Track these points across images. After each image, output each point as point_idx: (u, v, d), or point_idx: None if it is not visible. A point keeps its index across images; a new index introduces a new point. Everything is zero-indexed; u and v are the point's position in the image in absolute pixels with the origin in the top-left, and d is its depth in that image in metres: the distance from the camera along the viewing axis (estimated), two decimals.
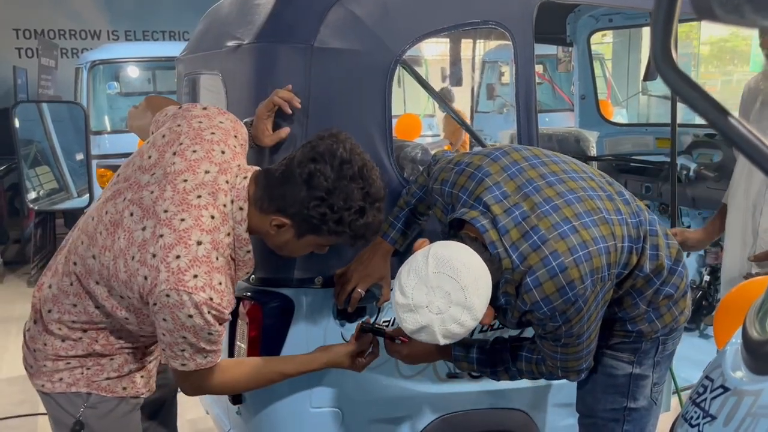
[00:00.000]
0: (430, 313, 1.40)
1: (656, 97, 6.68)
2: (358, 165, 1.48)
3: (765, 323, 0.81)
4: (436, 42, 7.47)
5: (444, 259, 1.41)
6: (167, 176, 1.49)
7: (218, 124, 1.60)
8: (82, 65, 6.38)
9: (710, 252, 3.42)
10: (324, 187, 1.45)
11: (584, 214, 1.53)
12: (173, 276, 1.39)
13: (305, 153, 1.48)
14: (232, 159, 1.56)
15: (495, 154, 1.64)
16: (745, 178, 2.31)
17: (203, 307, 1.41)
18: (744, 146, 0.56)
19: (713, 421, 0.78)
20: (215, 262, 1.44)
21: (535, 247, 1.47)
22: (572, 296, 1.46)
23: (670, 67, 0.57)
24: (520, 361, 1.73)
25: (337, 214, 1.46)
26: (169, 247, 1.41)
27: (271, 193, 1.50)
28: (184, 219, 1.44)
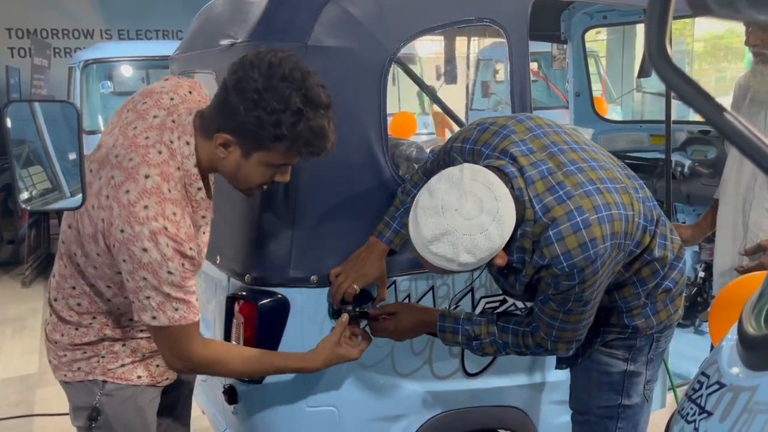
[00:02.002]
0: (459, 216, 1.36)
1: (651, 94, 6.70)
2: (289, 67, 1.43)
3: (761, 319, 0.81)
4: (431, 40, 7.47)
5: (480, 171, 1.42)
6: (120, 128, 1.57)
7: (172, 82, 1.66)
8: (75, 65, 6.35)
9: (705, 248, 3.43)
10: (253, 88, 1.41)
11: (607, 180, 1.54)
12: (124, 210, 1.44)
13: (234, 65, 1.47)
14: (181, 103, 1.60)
15: (519, 117, 1.66)
16: (735, 172, 2.32)
17: (158, 237, 1.42)
18: (739, 141, 0.56)
19: (709, 417, 0.78)
20: (167, 193, 1.48)
21: (560, 201, 1.47)
22: (593, 254, 1.45)
23: (666, 63, 0.56)
24: (506, 333, 1.70)
25: (272, 116, 1.41)
26: (119, 185, 1.47)
27: (210, 115, 1.52)
28: (131, 158, 1.49)
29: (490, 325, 1.73)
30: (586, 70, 4.06)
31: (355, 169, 1.85)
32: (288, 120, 1.42)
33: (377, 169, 1.86)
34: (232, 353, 1.70)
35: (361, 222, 1.86)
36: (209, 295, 2.14)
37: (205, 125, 1.53)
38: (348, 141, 1.83)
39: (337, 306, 1.82)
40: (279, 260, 1.81)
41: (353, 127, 1.83)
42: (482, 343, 1.73)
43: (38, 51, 7.19)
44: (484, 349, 1.75)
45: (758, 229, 2.23)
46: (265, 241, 1.84)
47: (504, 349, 1.74)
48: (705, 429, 0.78)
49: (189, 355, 1.58)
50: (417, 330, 1.82)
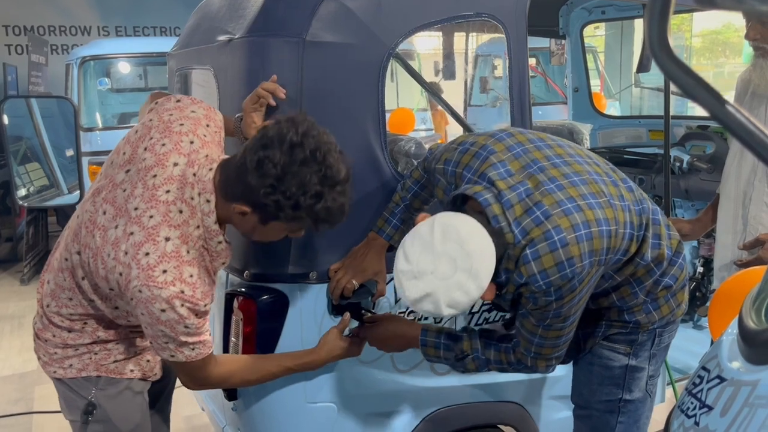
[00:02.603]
0: (435, 279, 1.38)
1: (649, 89, 6.70)
2: (310, 148, 1.43)
3: (761, 313, 0.81)
4: (429, 35, 7.46)
5: (450, 226, 1.40)
6: (139, 173, 1.54)
7: (189, 114, 1.63)
8: (72, 61, 6.34)
9: (704, 243, 3.43)
10: (273, 174, 1.42)
11: (589, 195, 1.52)
12: (143, 272, 1.45)
13: (256, 140, 1.47)
14: (201, 148, 1.58)
15: (500, 135, 1.64)
16: (735, 166, 2.32)
17: (174, 300, 1.46)
18: (740, 132, 0.55)
19: (710, 411, 0.78)
20: (185, 255, 1.49)
21: (537, 222, 1.47)
22: (570, 272, 1.45)
23: (667, 56, 0.56)
24: (489, 348, 1.70)
25: (291, 200, 1.43)
26: (139, 245, 1.47)
27: (230, 182, 1.51)
28: (152, 216, 1.49)
29: (473, 340, 1.72)
30: (585, 66, 4.05)
31: (353, 165, 1.84)
32: (307, 203, 1.44)
33: (376, 165, 1.86)
34: (244, 365, 1.73)
35: (360, 218, 1.85)
36: None
37: (224, 188, 1.53)
38: (346, 137, 1.82)
39: (336, 301, 1.82)
40: (278, 256, 1.81)
41: (351, 123, 1.82)
42: (464, 360, 1.73)
43: (35, 48, 7.18)
44: (466, 366, 1.74)
45: (757, 223, 2.23)
46: None
47: (486, 365, 1.74)
48: (706, 423, 0.78)
49: (206, 379, 1.66)
50: (398, 341, 1.79)
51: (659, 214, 1.69)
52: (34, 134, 5.04)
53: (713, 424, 0.76)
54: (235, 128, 1.78)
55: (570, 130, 3.48)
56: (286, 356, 1.78)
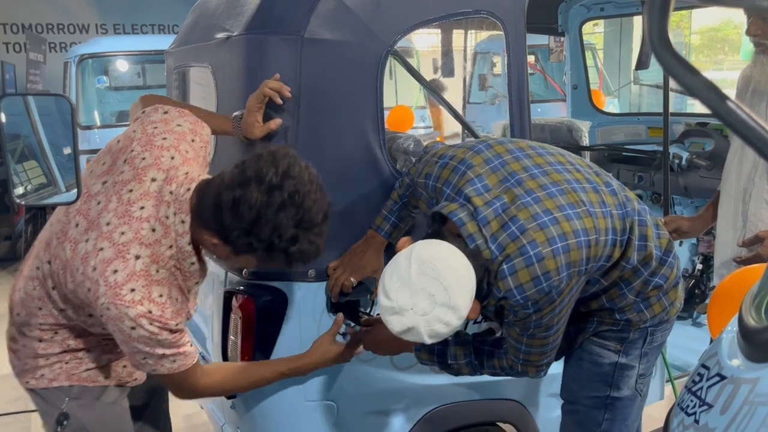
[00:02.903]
0: (416, 315, 1.39)
1: (648, 86, 6.70)
2: (289, 191, 1.37)
3: (761, 310, 0.81)
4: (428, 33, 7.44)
5: (426, 261, 1.40)
6: (115, 185, 1.51)
7: (174, 128, 1.59)
8: (70, 59, 6.32)
9: (703, 241, 3.43)
10: (248, 218, 1.37)
11: (567, 206, 1.51)
12: (111, 290, 1.42)
13: (234, 175, 1.40)
14: (182, 165, 1.54)
15: (478, 147, 1.63)
16: (736, 163, 2.32)
17: (141, 319, 1.43)
18: (741, 128, 0.55)
19: (710, 409, 0.78)
20: (155, 275, 1.46)
21: (513, 237, 1.47)
22: (546, 287, 1.45)
23: (668, 51, 0.56)
24: (482, 354, 1.72)
25: (264, 243, 1.40)
26: (108, 262, 1.43)
27: (204, 211, 1.46)
28: (124, 232, 1.45)
29: (466, 346, 1.74)
30: (584, 63, 4.05)
31: (352, 162, 1.84)
32: (281, 246, 1.41)
33: (374, 162, 1.85)
34: (235, 373, 1.71)
35: (358, 216, 1.85)
36: (207, 290, 2.13)
37: (198, 214, 1.48)
38: (345, 135, 1.82)
39: (335, 299, 1.82)
40: None
41: (350, 121, 1.82)
42: (458, 364, 1.74)
43: (33, 46, 7.16)
44: (459, 370, 1.76)
45: (757, 220, 2.23)
46: None
47: (479, 370, 1.75)
48: (706, 421, 0.77)
49: (194, 389, 1.64)
50: (393, 346, 1.77)
51: (646, 215, 1.67)
52: (31, 132, 5.02)
53: (713, 421, 0.76)
54: (234, 127, 1.77)
55: (569, 128, 3.48)
56: (278, 361, 1.77)
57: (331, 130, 1.81)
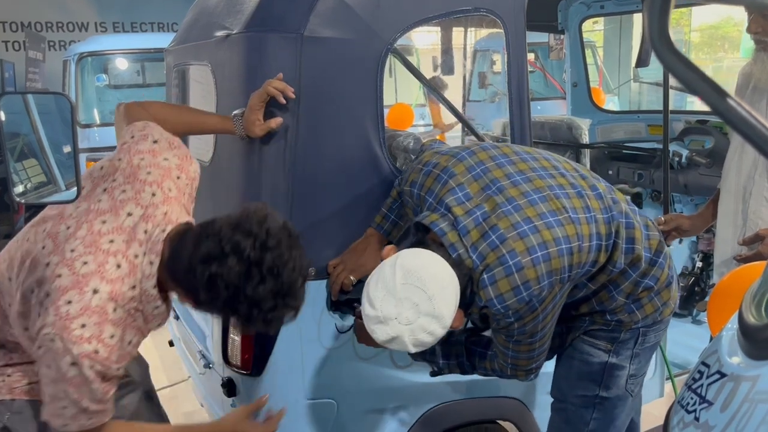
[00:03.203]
0: (400, 324, 1.40)
1: (648, 84, 6.69)
2: (268, 265, 1.31)
3: (762, 308, 0.81)
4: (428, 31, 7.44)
5: (411, 270, 1.41)
6: (89, 213, 1.43)
7: (161, 162, 1.52)
8: (69, 58, 6.31)
9: (703, 238, 3.43)
10: (225, 296, 1.32)
11: (548, 213, 1.51)
12: (60, 321, 1.31)
13: (210, 247, 1.32)
14: (162, 203, 1.47)
15: (461, 155, 1.63)
16: (736, 161, 2.32)
17: (84, 360, 1.32)
18: (741, 126, 0.55)
19: (710, 406, 0.78)
20: (110, 314, 1.35)
21: (493, 247, 1.47)
22: (526, 296, 1.45)
23: (668, 49, 0.56)
24: (474, 355, 1.73)
25: (242, 317, 1.36)
26: (64, 290, 1.33)
27: (176, 271, 1.40)
28: (86, 262, 1.36)
29: (459, 346, 1.75)
30: (584, 61, 4.05)
31: (352, 161, 1.84)
32: (259, 317, 1.35)
33: (374, 160, 1.85)
34: None
35: (358, 214, 1.85)
36: None
37: (170, 270, 1.41)
38: (345, 133, 1.82)
39: (335, 297, 1.82)
40: None
41: (350, 119, 1.82)
42: (449, 364, 1.76)
43: (32, 44, 7.15)
44: (451, 369, 1.77)
45: (757, 218, 2.23)
46: None
47: (471, 370, 1.76)
48: (706, 419, 0.77)
49: None
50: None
51: (634, 216, 1.66)
52: (31, 131, 5.03)
53: (713, 419, 0.76)
54: (236, 126, 1.77)
55: (569, 126, 3.48)
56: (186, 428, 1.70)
57: (330, 128, 1.81)
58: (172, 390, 3.62)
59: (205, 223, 1.38)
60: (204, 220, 1.41)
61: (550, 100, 8.19)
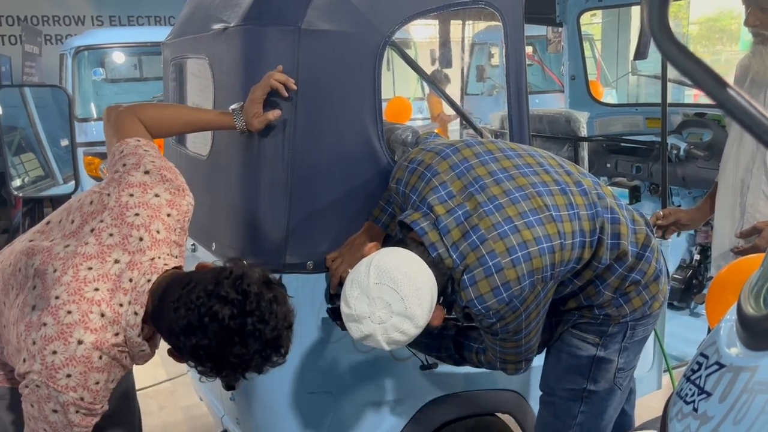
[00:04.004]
0: (373, 323, 1.42)
1: (646, 76, 6.69)
2: (249, 329, 1.30)
3: (760, 299, 0.81)
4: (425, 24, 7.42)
5: (384, 270, 1.42)
6: (75, 257, 1.42)
7: (150, 200, 1.49)
8: (66, 51, 6.30)
9: (700, 231, 3.44)
10: (210, 362, 1.34)
11: (529, 212, 1.51)
12: (46, 370, 1.33)
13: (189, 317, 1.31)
14: (149, 248, 1.45)
15: (446, 152, 1.63)
16: (734, 154, 2.32)
17: (69, 407, 1.35)
18: (741, 116, 0.55)
19: (709, 397, 0.78)
20: (96, 362, 1.37)
21: (473, 247, 1.48)
22: (506, 297, 1.46)
23: (668, 39, 0.55)
24: (463, 349, 1.74)
25: (230, 375, 1.37)
26: (49, 340, 1.34)
27: (161, 331, 1.40)
28: (71, 311, 1.35)
29: (448, 340, 1.76)
30: (582, 54, 4.04)
31: (350, 154, 1.83)
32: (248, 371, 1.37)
33: (372, 154, 1.85)
34: None
35: (356, 207, 1.85)
36: None
37: (155, 323, 1.41)
38: (343, 126, 1.82)
39: (333, 290, 1.82)
40: (275, 246, 1.80)
41: (348, 112, 1.82)
42: (441, 356, 1.78)
43: (29, 38, 7.12)
44: (443, 361, 1.79)
45: (755, 211, 2.23)
46: (260, 227, 1.83)
47: (461, 363, 1.77)
48: (704, 409, 0.78)
49: None
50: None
51: (619, 212, 1.65)
52: (28, 124, 5.02)
53: (712, 410, 0.76)
54: (236, 120, 1.76)
55: (567, 119, 3.48)
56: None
57: (328, 122, 1.81)
58: (172, 384, 3.63)
59: (184, 283, 1.37)
60: (182, 277, 1.40)
61: (548, 93, 8.19)
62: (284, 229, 1.79)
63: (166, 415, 3.40)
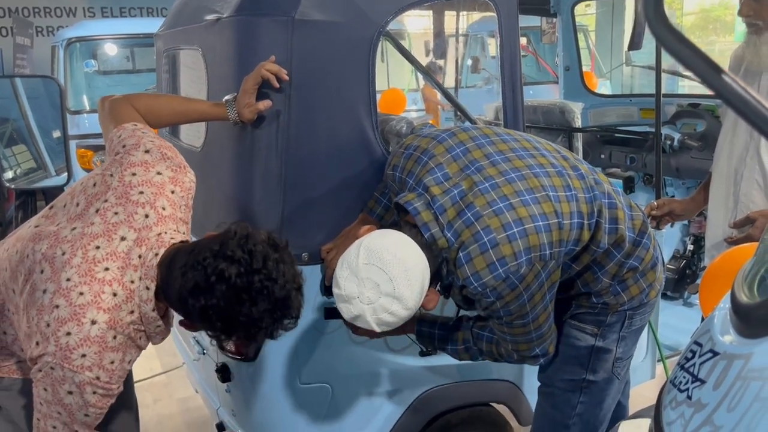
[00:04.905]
0: (362, 303, 1.43)
1: (640, 67, 6.70)
2: (256, 288, 1.31)
3: (754, 287, 0.82)
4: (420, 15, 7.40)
5: (374, 251, 1.43)
6: (83, 237, 1.42)
7: (153, 177, 1.50)
8: (58, 43, 6.25)
9: (694, 221, 3.45)
10: (221, 325, 1.35)
11: (525, 191, 1.51)
12: (60, 352, 1.34)
13: (197, 278, 1.32)
14: (156, 224, 1.46)
15: (442, 136, 1.63)
16: (727, 144, 2.33)
17: (86, 387, 1.36)
18: (737, 103, 0.55)
19: (702, 385, 0.78)
20: (110, 341, 1.38)
21: (468, 224, 1.47)
22: (503, 272, 1.45)
23: (664, 26, 0.55)
24: (481, 340, 1.73)
25: (243, 335, 1.39)
26: (62, 322, 1.35)
27: (171, 300, 1.41)
28: (83, 293, 1.36)
29: (465, 331, 1.75)
30: (576, 45, 4.04)
31: (344, 145, 1.83)
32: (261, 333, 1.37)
33: (367, 145, 1.85)
34: None
35: (350, 198, 1.85)
36: None
37: (165, 294, 1.42)
38: (337, 117, 1.81)
39: (328, 282, 1.82)
40: None
41: (342, 103, 1.81)
42: (458, 349, 1.77)
43: (20, 30, 7.07)
44: (459, 355, 1.78)
45: (748, 201, 2.24)
46: (255, 218, 1.82)
47: (480, 355, 1.76)
48: (698, 397, 0.78)
49: None
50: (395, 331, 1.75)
51: (616, 198, 1.65)
52: (20, 116, 4.99)
53: (706, 397, 0.76)
54: (229, 111, 1.75)
55: (561, 109, 3.48)
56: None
57: (323, 113, 1.80)
58: (167, 376, 3.63)
59: (190, 249, 1.39)
60: (189, 245, 1.42)
61: (542, 85, 8.18)
62: (279, 221, 1.79)
63: (162, 407, 3.41)
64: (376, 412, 2.04)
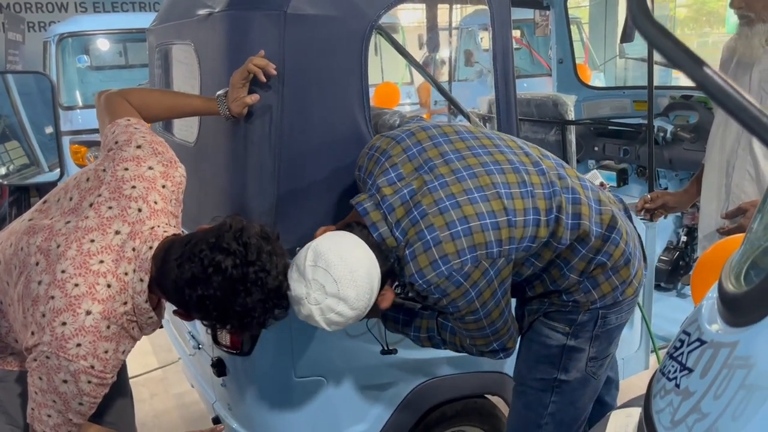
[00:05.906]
0: (309, 304, 1.45)
1: (633, 59, 6.71)
2: (251, 279, 1.38)
3: (740, 276, 0.83)
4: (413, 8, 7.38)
5: (320, 253, 1.45)
6: (77, 231, 1.46)
7: (145, 172, 1.54)
8: (50, 39, 6.22)
9: (687, 213, 3.47)
10: (216, 314, 1.41)
11: (474, 189, 1.51)
12: (56, 341, 1.37)
13: (193, 269, 1.38)
14: (148, 218, 1.50)
15: (401, 137, 1.64)
16: (720, 135, 2.34)
17: (81, 375, 1.39)
18: (721, 97, 0.56)
19: (690, 373, 0.79)
20: (104, 331, 1.41)
21: (414, 222, 1.49)
22: (445, 270, 1.46)
23: (648, 21, 0.56)
24: (445, 331, 1.74)
25: (236, 326, 1.45)
26: (57, 312, 1.38)
27: (166, 291, 1.46)
28: (78, 284, 1.40)
29: (430, 320, 1.76)
30: (569, 37, 4.04)
31: (337, 139, 1.83)
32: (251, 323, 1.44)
33: (360, 139, 1.85)
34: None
35: (344, 192, 1.85)
36: None
37: (159, 284, 1.46)
38: (329, 111, 1.82)
39: None
40: None
41: (334, 97, 1.81)
42: (420, 337, 1.78)
43: (12, 25, 7.03)
44: (421, 342, 1.79)
45: (740, 192, 2.26)
46: (248, 213, 1.82)
47: (442, 345, 1.77)
48: (686, 385, 0.79)
49: None
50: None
51: (582, 192, 1.63)
52: (12, 112, 4.97)
53: (693, 385, 0.77)
54: (220, 106, 1.75)
55: (554, 102, 3.48)
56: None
57: (315, 107, 1.80)
58: (163, 371, 3.64)
59: (185, 241, 1.44)
60: (183, 238, 1.47)
61: (535, 77, 8.19)
62: (272, 215, 1.80)
63: (158, 402, 3.41)
64: (371, 405, 2.05)
